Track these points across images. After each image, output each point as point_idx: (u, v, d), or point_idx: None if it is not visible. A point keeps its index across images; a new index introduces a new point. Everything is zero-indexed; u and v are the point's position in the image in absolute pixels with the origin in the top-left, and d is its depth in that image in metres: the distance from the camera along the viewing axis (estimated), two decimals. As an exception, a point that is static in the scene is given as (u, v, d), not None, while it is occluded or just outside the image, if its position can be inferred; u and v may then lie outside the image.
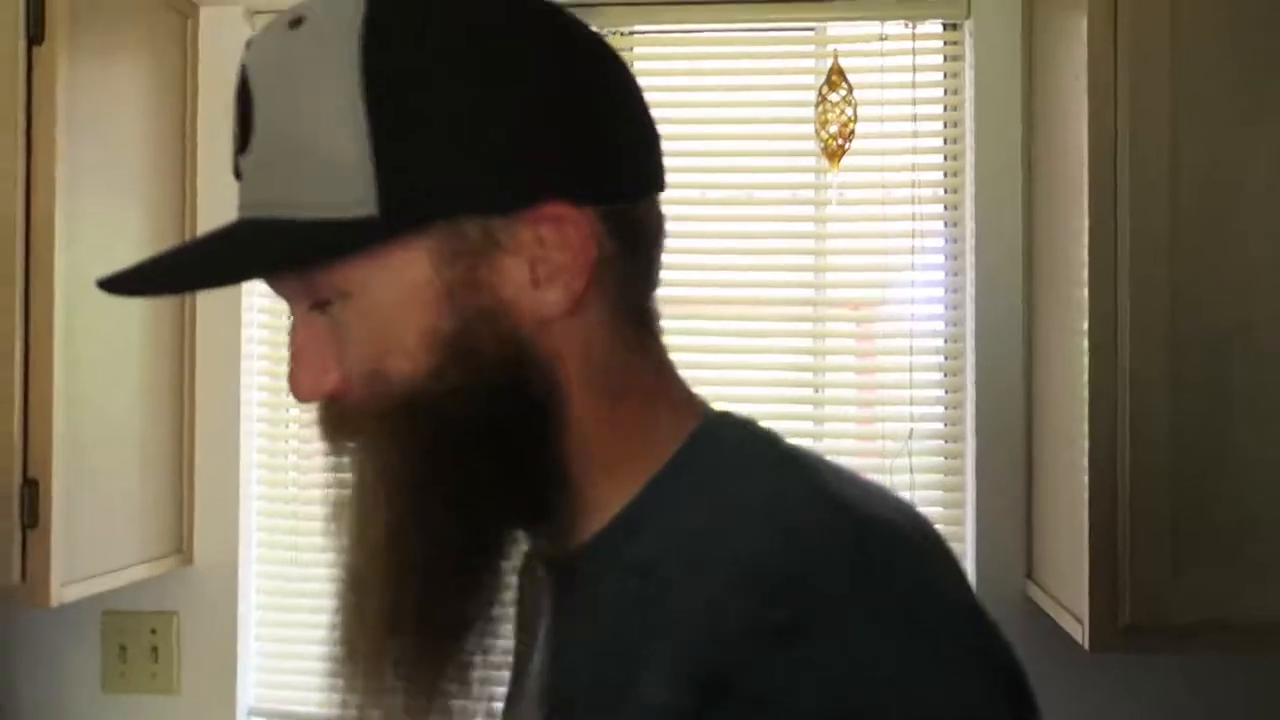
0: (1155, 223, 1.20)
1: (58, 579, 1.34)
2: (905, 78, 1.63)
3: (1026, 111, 1.56)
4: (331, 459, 0.61)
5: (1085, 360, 1.22)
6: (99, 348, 1.45)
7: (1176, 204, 1.20)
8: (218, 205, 1.68)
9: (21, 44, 1.35)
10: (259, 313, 1.73)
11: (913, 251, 1.62)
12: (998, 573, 1.53)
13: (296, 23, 0.56)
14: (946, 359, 1.62)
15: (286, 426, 1.74)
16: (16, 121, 1.34)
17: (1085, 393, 1.22)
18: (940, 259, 1.63)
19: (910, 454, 1.60)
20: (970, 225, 1.59)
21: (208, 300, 1.67)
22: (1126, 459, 1.19)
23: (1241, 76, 1.20)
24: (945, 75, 1.64)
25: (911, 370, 1.62)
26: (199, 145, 1.68)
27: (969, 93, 1.60)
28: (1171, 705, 1.50)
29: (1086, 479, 1.21)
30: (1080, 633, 1.22)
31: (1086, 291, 1.22)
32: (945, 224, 1.63)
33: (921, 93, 1.63)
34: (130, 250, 1.54)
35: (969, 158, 1.60)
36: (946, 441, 1.62)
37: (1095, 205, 1.22)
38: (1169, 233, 1.20)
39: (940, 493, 1.61)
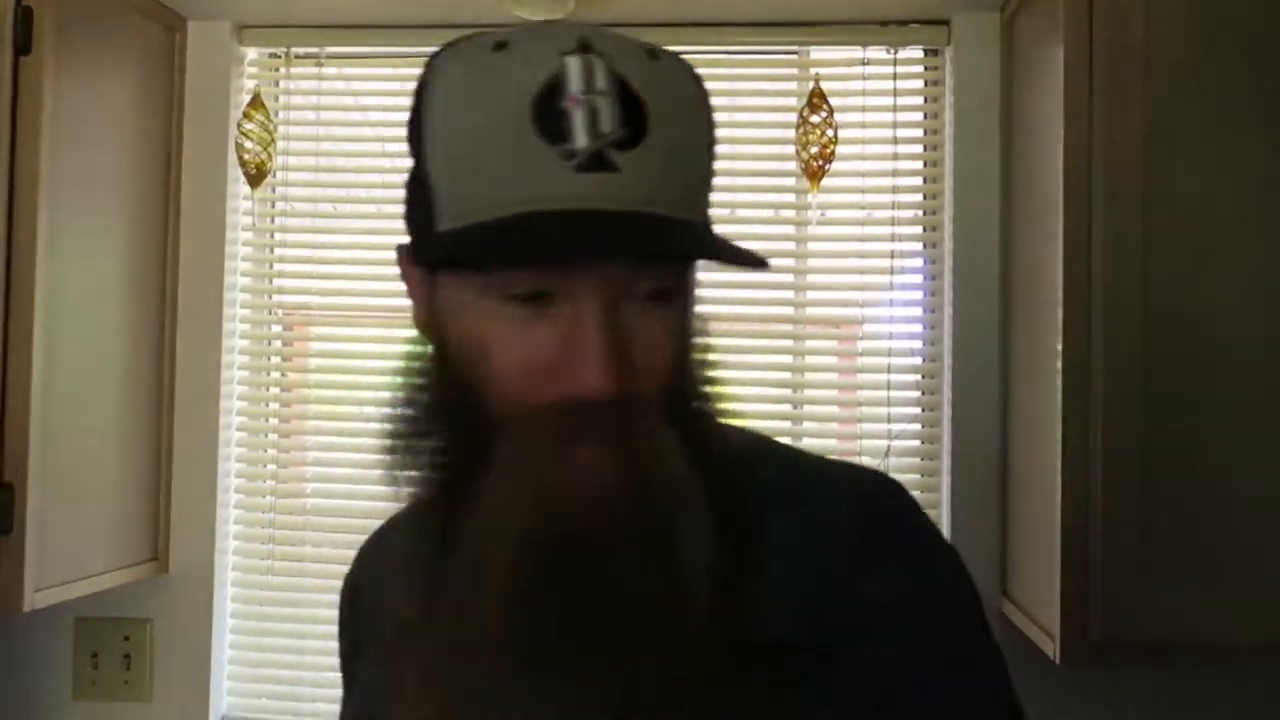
0: (1129, 244, 1.22)
1: (31, 585, 1.34)
2: (886, 101, 1.65)
3: (1004, 136, 1.58)
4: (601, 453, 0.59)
5: (1059, 380, 1.24)
6: (78, 356, 1.45)
7: (1150, 226, 1.22)
8: (200, 218, 1.69)
9: (8, 54, 1.36)
10: (240, 323, 1.74)
11: (892, 271, 1.64)
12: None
13: (654, 55, 0.63)
14: (924, 377, 1.64)
15: (265, 436, 1.74)
16: (2, 130, 1.34)
17: (1059, 411, 1.23)
18: (919, 279, 1.65)
19: (887, 470, 1.61)
20: (949, 245, 1.61)
21: (187, 309, 1.68)
22: (1099, 475, 1.21)
23: (1214, 104, 1.22)
24: (925, 100, 1.66)
25: (889, 388, 1.63)
26: (184, 157, 1.68)
27: (948, 116, 1.63)
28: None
29: (1059, 498, 1.22)
30: (1052, 648, 1.24)
31: (1061, 312, 1.24)
32: (924, 244, 1.65)
33: (902, 116, 1.65)
34: (112, 262, 1.54)
35: (948, 180, 1.62)
36: (923, 459, 1.63)
37: (1070, 228, 1.24)
38: (1142, 254, 1.22)
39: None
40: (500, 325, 0.61)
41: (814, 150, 1.56)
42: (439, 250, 0.62)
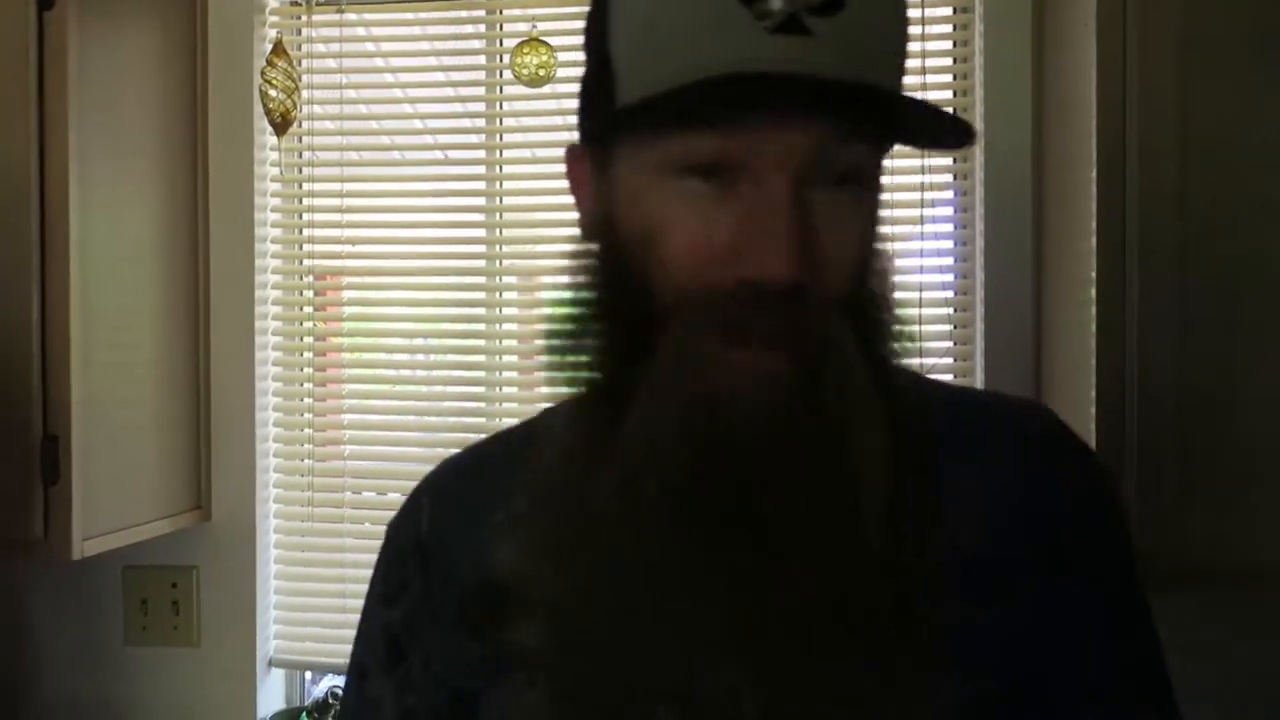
0: (1164, 173, 1.19)
1: (79, 533, 1.37)
2: (914, 31, 1.62)
3: (1036, 65, 1.55)
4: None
5: (1093, 310, 1.22)
6: (114, 309, 1.47)
7: (1186, 153, 1.19)
8: (228, 168, 1.69)
9: (32, 9, 1.36)
10: (272, 274, 1.75)
11: (922, 204, 1.62)
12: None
13: None
14: (956, 310, 1.62)
15: (300, 385, 1.76)
16: (28, 86, 1.35)
17: (1093, 336, 1.22)
18: (949, 210, 1.63)
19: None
20: (979, 175, 1.59)
21: (219, 258, 1.69)
22: (1134, 400, 1.19)
23: (1252, 25, 1.18)
24: (955, 27, 1.63)
25: (920, 323, 1.62)
26: (209, 108, 1.69)
27: (978, 44, 1.59)
28: (1177, 644, 1.51)
29: (1094, 425, 1.21)
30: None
31: (1094, 241, 1.22)
32: (954, 175, 1.63)
33: (931, 46, 1.62)
34: (144, 214, 1.55)
35: (979, 110, 1.59)
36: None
37: (1104, 155, 1.21)
38: (1178, 182, 1.19)
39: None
40: (676, 204, 0.56)
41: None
42: (618, 121, 0.57)
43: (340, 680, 1.64)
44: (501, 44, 1.70)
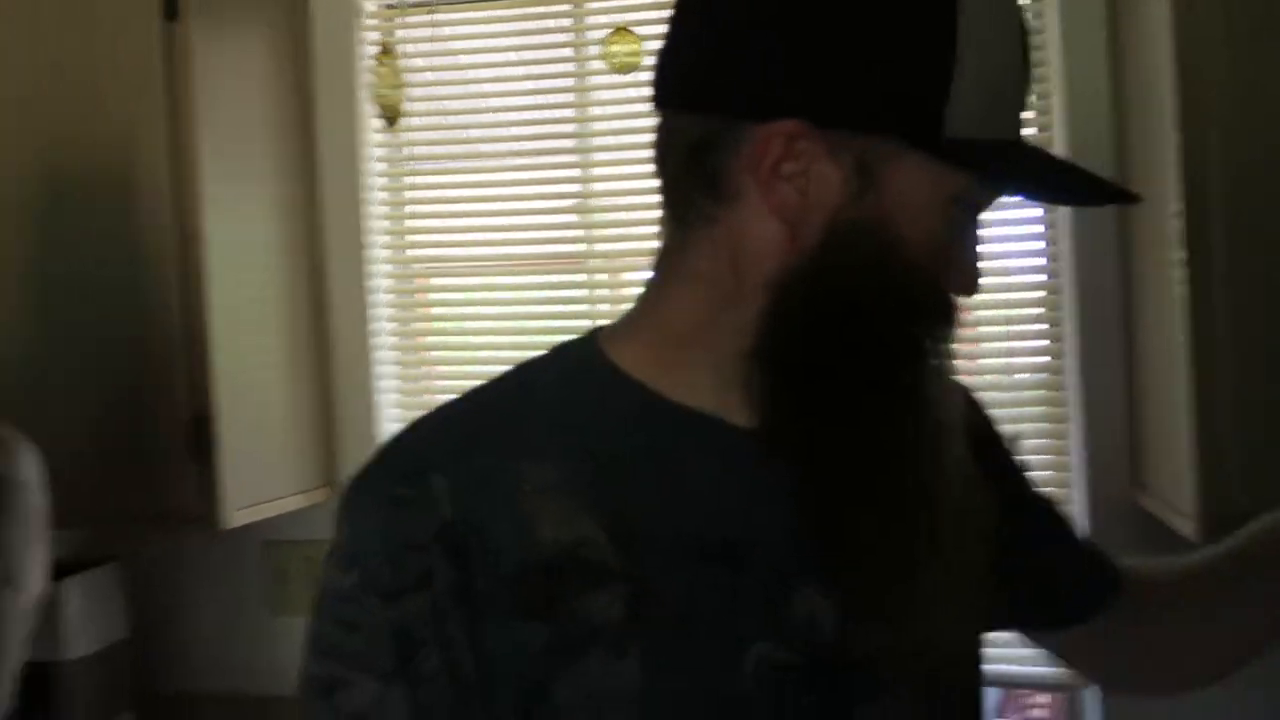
0: (1250, 141, 1.19)
1: (228, 508, 1.48)
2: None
3: (1111, 39, 1.55)
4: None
5: (1180, 274, 1.23)
6: (244, 298, 1.57)
7: (1272, 119, 1.19)
8: (339, 166, 1.78)
9: (158, 20, 1.46)
10: (382, 264, 1.84)
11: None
12: (1105, 483, 1.58)
13: None
14: (1050, 277, 1.64)
15: (418, 367, 1.84)
16: (158, 91, 1.45)
17: (1181, 314, 1.23)
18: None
19: (1012, 374, 1.64)
20: (1062, 150, 1.59)
21: (336, 251, 1.78)
22: (1229, 352, 1.20)
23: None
24: (1031, 15, 1.64)
25: (1009, 290, 1.65)
26: (318, 109, 1.77)
27: (1053, 18, 1.60)
28: None
29: (1188, 384, 1.22)
30: (1189, 526, 1.23)
31: (1184, 221, 1.22)
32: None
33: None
34: (263, 207, 1.65)
35: (1056, 81, 1.60)
36: (1051, 358, 1.64)
37: (1187, 128, 1.21)
38: (1264, 148, 1.19)
39: (1044, 408, 1.63)
40: (947, 229, 0.63)
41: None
42: (982, 154, 0.62)
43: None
44: (587, 37, 1.75)
